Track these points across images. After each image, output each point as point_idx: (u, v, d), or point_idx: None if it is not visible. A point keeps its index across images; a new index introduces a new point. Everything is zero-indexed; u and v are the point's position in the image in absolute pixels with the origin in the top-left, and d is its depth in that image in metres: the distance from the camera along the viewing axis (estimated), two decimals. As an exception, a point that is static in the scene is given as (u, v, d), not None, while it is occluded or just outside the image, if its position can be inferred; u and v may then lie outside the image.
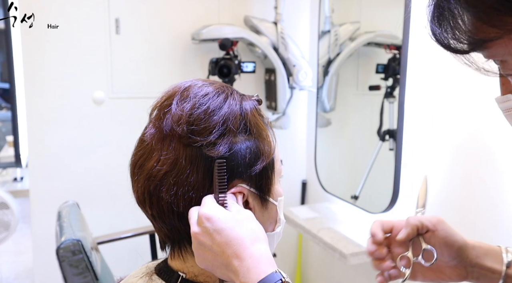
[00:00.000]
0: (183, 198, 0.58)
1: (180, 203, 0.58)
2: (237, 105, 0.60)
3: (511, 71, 0.47)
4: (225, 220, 0.54)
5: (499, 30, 0.43)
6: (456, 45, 0.47)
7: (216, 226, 0.54)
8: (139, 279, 0.64)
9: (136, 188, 0.61)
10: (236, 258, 0.52)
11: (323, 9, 2.08)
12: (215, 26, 2.06)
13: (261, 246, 0.53)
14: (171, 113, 0.59)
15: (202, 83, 0.62)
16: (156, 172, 0.58)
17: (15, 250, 3.47)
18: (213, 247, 0.54)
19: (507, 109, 0.52)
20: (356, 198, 1.89)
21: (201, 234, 0.55)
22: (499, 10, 0.42)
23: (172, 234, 0.61)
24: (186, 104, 0.59)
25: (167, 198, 0.58)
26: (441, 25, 0.47)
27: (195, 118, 0.58)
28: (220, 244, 0.53)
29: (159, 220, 0.60)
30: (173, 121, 0.58)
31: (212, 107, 0.59)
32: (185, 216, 0.58)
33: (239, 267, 0.52)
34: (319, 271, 2.31)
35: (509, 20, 0.43)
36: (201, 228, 0.55)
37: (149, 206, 0.60)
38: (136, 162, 0.61)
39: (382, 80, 1.75)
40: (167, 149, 0.58)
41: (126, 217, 2.06)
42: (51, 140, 2.04)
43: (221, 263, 0.54)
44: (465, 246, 0.71)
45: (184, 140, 0.58)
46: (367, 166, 1.85)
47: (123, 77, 2.12)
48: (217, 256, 0.54)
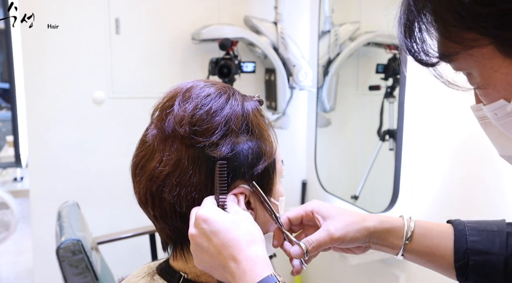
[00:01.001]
0: (185, 199, 0.58)
1: (182, 203, 0.58)
2: (239, 106, 0.60)
3: (476, 84, 0.50)
4: (222, 222, 0.54)
5: (459, 45, 0.46)
6: (425, 57, 0.50)
7: (212, 227, 0.54)
8: (141, 279, 0.64)
9: (138, 189, 0.61)
10: (232, 260, 0.52)
11: (323, 9, 2.08)
12: (215, 26, 2.06)
13: (257, 248, 0.53)
14: (173, 114, 0.59)
15: (204, 84, 0.62)
16: (158, 173, 0.58)
17: (15, 250, 3.47)
18: (210, 249, 0.54)
19: (481, 117, 0.54)
20: (356, 198, 1.89)
21: (198, 236, 0.55)
22: (456, 26, 0.44)
23: (174, 234, 0.61)
24: (188, 104, 0.59)
25: (170, 199, 0.58)
26: (411, 38, 0.50)
27: (197, 119, 0.58)
28: (216, 245, 0.53)
29: (161, 221, 0.60)
30: (175, 122, 0.58)
31: (215, 108, 0.59)
32: (187, 217, 0.58)
33: (235, 269, 0.52)
34: (319, 271, 2.31)
35: (466, 36, 0.45)
36: (198, 230, 0.55)
37: (151, 207, 0.60)
38: (138, 163, 0.61)
39: (382, 80, 1.75)
40: (169, 150, 0.58)
41: (126, 217, 2.06)
42: (51, 140, 2.04)
43: (218, 265, 0.54)
44: (366, 233, 0.67)
45: (186, 141, 0.58)
46: (367, 166, 1.85)
47: (123, 77, 2.12)
48: (214, 257, 0.54)
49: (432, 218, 1.50)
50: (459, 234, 0.68)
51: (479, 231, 0.68)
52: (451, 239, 0.68)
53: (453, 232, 0.69)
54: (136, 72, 2.14)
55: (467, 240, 0.67)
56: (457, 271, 0.67)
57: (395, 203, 1.59)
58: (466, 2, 0.42)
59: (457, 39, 0.45)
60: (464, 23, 0.43)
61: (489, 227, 0.68)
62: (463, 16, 0.43)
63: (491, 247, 0.66)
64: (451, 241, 0.68)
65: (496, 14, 0.41)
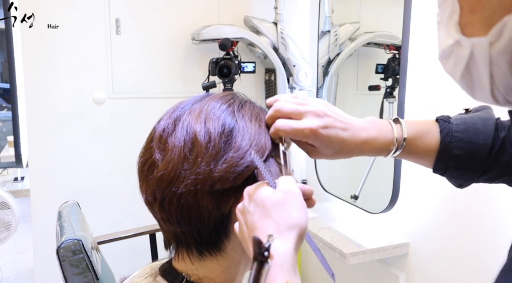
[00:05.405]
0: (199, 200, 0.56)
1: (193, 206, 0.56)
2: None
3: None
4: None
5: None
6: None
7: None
8: (143, 279, 0.63)
9: (145, 188, 0.59)
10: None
11: (323, 9, 2.08)
12: (215, 26, 2.06)
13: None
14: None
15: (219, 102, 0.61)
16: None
17: (16, 250, 3.48)
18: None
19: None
20: (356, 198, 1.89)
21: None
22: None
23: (180, 236, 0.60)
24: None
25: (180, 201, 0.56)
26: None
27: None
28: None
29: (167, 222, 0.59)
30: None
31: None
32: (195, 219, 0.57)
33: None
34: (319, 271, 2.31)
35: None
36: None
37: (158, 209, 0.58)
38: (146, 161, 0.59)
39: (381, 80, 1.75)
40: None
41: (126, 217, 2.07)
42: (51, 140, 2.04)
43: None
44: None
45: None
46: (367, 166, 1.85)
47: (123, 77, 2.12)
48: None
49: (432, 217, 1.51)
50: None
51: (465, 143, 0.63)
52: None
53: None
54: (136, 72, 2.15)
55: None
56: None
57: (395, 203, 1.60)
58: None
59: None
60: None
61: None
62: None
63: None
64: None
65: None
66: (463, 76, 0.38)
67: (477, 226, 1.35)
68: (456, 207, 1.42)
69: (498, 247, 1.29)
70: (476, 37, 0.35)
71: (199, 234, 0.58)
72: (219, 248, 0.59)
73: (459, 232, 1.41)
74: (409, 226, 1.63)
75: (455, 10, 0.36)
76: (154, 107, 2.15)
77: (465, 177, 0.65)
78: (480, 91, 0.38)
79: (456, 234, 1.42)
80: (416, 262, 1.59)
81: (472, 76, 0.37)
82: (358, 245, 1.63)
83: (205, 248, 0.59)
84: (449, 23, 0.38)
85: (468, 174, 0.64)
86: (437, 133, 0.64)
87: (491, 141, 0.62)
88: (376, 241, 1.64)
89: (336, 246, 1.63)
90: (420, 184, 1.55)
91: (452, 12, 0.37)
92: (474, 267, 1.37)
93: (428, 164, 0.67)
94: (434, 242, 1.51)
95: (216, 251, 0.59)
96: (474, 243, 1.36)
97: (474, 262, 1.37)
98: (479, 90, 0.38)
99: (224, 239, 0.59)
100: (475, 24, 0.35)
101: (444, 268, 1.48)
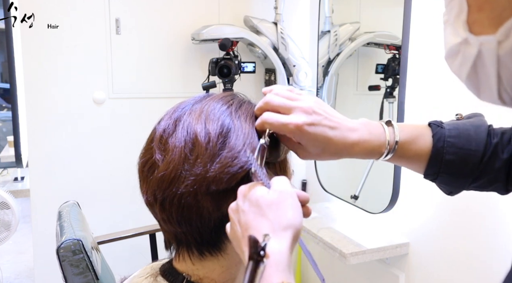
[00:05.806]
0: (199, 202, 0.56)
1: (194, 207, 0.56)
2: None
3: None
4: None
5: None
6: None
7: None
8: (144, 279, 0.63)
9: (145, 189, 0.59)
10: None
11: (323, 9, 2.08)
12: (215, 26, 2.06)
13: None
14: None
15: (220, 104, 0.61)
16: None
17: (16, 250, 3.48)
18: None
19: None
20: (356, 198, 1.89)
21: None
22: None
23: (181, 236, 0.60)
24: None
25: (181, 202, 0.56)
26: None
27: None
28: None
29: (168, 222, 0.58)
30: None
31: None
32: (197, 221, 0.57)
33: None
34: (319, 270, 2.31)
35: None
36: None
37: (159, 209, 0.58)
38: (147, 162, 0.59)
39: (381, 80, 1.75)
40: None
41: (126, 217, 2.07)
42: (51, 140, 2.04)
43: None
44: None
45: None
46: (367, 166, 1.85)
47: (123, 77, 2.12)
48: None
49: (432, 217, 1.51)
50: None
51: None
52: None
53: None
54: (136, 72, 2.15)
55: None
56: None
57: (395, 203, 1.60)
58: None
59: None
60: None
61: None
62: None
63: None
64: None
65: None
66: (470, 76, 0.38)
67: (477, 226, 1.35)
68: (456, 207, 1.42)
69: (498, 247, 1.29)
70: (484, 35, 0.34)
71: (199, 234, 0.58)
72: (220, 248, 0.59)
73: (459, 232, 1.41)
74: (409, 226, 1.63)
75: (463, 8, 0.36)
76: (154, 107, 2.15)
77: (456, 184, 0.65)
78: (487, 91, 0.37)
79: (456, 234, 1.42)
80: (416, 262, 1.59)
81: (479, 76, 0.37)
82: (358, 245, 1.63)
83: (205, 248, 0.59)
84: (456, 22, 0.37)
85: (459, 180, 0.64)
86: (430, 138, 0.63)
87: (483, 147, 0.62)
88: (376, 241, 1.64)
89: (336, 246, 1.63)
90: (420, 184, 1.55)
91: (460, 11, 0.36)
92: (474, 267, 1.37)
93: (419, 169, 0.65)
94: (434, 242, 1.51)
95: (216, 251, 0.59)
96: (474, 243, 1.37)
97: (474, 262, 1.37)
98: (485, 90, 0.37)
99: (225, 239, 0.58)
100: (483, 22, 0.34)
101: (444, 268, 1.48)
